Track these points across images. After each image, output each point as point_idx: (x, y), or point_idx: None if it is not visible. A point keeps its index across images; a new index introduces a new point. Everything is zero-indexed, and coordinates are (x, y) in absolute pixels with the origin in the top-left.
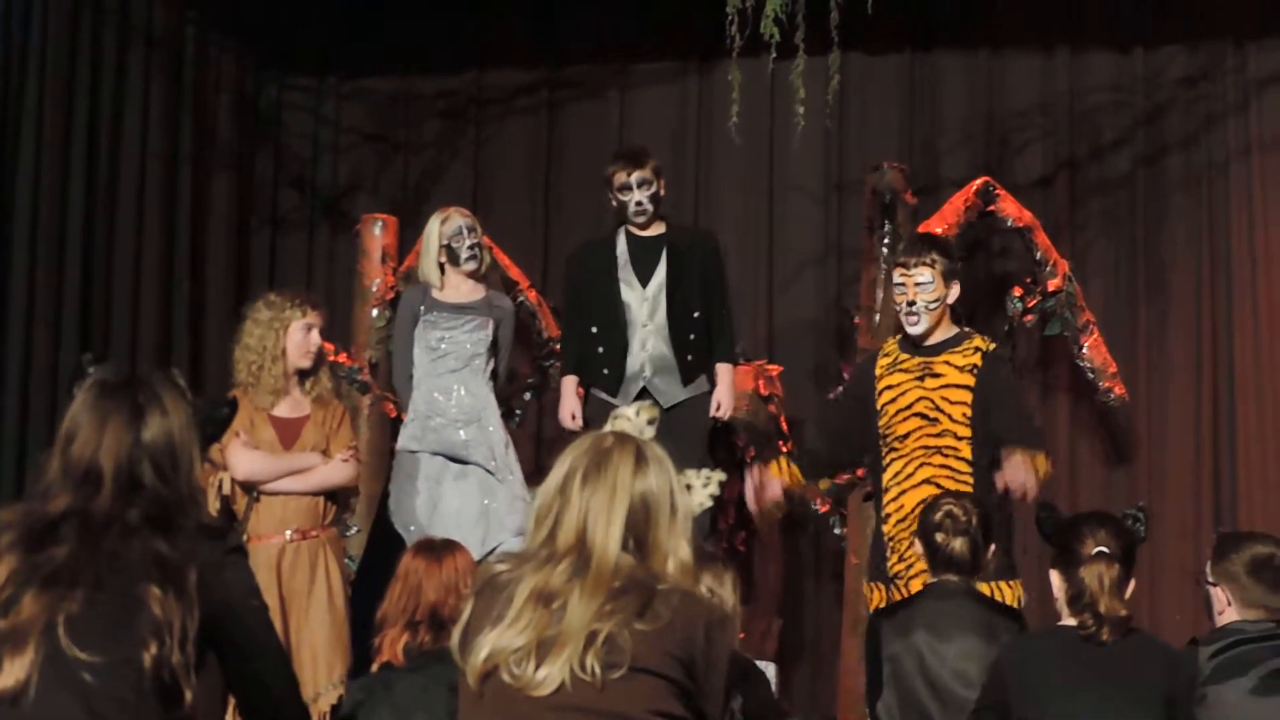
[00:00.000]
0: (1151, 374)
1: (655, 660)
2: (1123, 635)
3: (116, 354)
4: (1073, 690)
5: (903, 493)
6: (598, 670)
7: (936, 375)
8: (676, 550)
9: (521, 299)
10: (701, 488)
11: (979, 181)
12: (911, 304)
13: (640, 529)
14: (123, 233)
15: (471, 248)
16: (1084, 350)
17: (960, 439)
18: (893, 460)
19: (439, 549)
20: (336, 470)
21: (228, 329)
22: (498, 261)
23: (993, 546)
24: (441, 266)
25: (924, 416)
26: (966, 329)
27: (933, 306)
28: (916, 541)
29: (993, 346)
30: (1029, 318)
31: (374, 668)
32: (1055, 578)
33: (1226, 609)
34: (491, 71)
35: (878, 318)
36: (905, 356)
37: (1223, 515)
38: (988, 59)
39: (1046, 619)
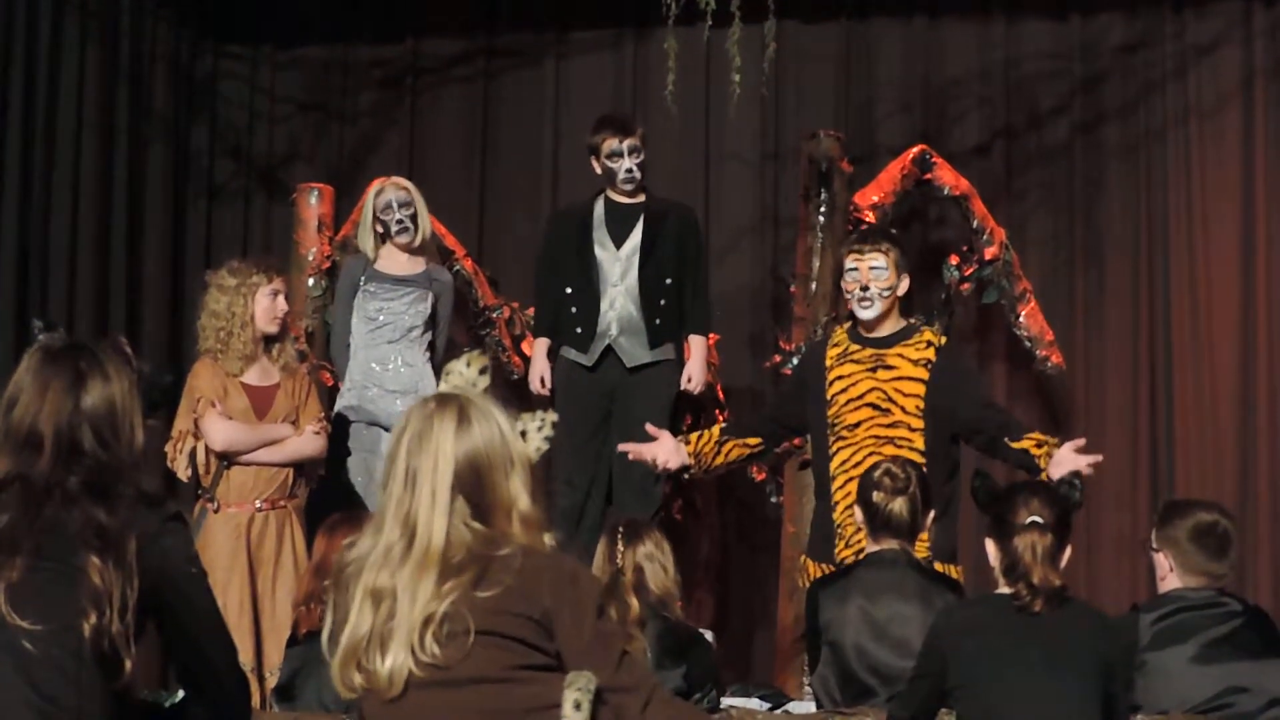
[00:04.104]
0: (1089, 342)
1: (503, 624)
2: (1058, 605)
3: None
4: (1008, 659)
5: (850, 480)
6: (437, 650)
7: (890, 367)
8: (516, 502)
9: (457, 268)
10: (536, 431)
11: (915, 149)
12: (865, 289)
13: (474, 493)
14: (59, 202)
15: (400, 221)
16: (1021, 319)
17: (914, 430)
18: (840, 449)
19: (339, 524)
20: (308, 442)
21: (164, 298)
22: (434, 230)
23: (932, 512)
24: (381, 238)
25: (876, 407)
26: (914, 320)
27: (885, 294)
28: (856, 508)
29: (944, 340)
30: (966, 286)
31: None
32: (991, 547)
33: (1169, 575)
34: (427, 40)
35: (814, 286)
36: (856, 348)
37: (1160, 483)
38: (924, 26)
39: (987, 589)
